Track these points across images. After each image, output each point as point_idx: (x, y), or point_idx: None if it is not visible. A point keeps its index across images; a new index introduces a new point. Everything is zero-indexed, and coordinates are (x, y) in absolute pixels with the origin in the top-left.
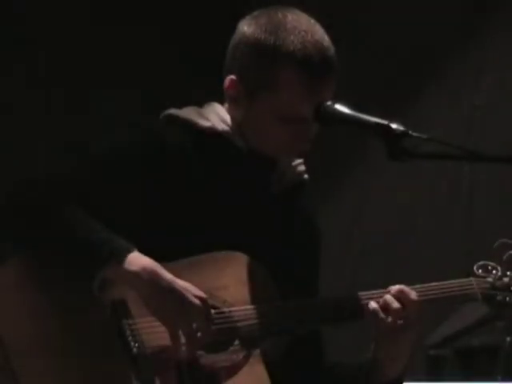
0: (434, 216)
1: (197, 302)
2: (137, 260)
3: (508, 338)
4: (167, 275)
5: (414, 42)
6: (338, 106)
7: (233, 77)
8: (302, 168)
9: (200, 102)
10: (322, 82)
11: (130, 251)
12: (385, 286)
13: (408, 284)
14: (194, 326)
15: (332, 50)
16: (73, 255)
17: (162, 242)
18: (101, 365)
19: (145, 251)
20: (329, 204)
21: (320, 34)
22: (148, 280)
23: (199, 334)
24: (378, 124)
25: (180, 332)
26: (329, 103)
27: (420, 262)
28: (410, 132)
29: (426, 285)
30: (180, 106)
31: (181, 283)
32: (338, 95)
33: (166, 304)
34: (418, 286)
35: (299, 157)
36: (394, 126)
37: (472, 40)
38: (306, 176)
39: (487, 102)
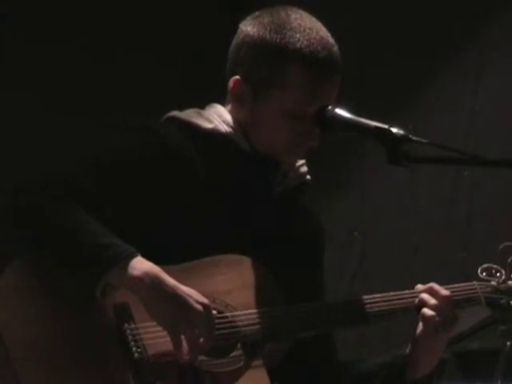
0: (434, 219)
1: (199, 307)
2: (140, 265)
3: (508, 342)
4: (170, 281)
5: (412, 46)
6: (339, 111)
7: (237, 77)
8: (304, 169)
9: (200, 104)
10: (329, 78)
11: (133, 256)
12: (384, 290)
13: (409, 288)
14: (196, 331)
15: (336, 46)
16: (75, 259)
17: (165, 245)
18: (102, 370)
19: (147, 254)
20: (329, 208)
21: (324, 31)
22: (150, 285)
23: (201, 340)
24: (378, 128)
25: (182, 337)
26: (329, 108)
27: (420, 266)
28: (410, 136)
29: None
30: (180, 108)
31: (184, 289)
32: (336, 99)
33: (168, 309)
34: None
35: (304, 156)
36: (394, 130)
37: (471, 45)
38: (308, 177)
39: (487, 107)
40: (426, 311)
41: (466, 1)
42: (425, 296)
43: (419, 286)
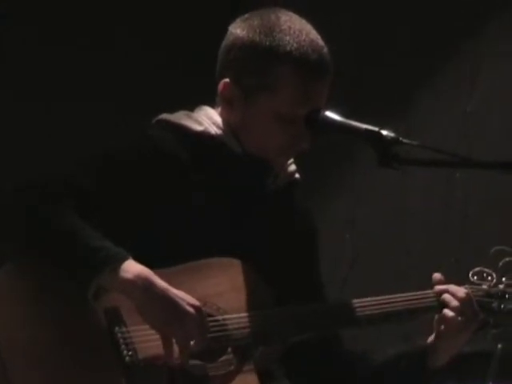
0: (428, 222)
1: (191, 310)
2: (131, 268)
3: (499, 345)
4: (161, 283)
5: (407, 47)
6: (329, 114)
7: (227, 80)
8: (292, 168)
9: (189, 106)
10: (320, 80)
11: (125, 259)
12: (376, 292)
13: (402, 291)
14: (188, 334)
15: (326, 48)
16: (69, 261)
17: (158, 248)
18: (95, 372)
19: (139, 257)
20: (320, 209)
21: (314, 33)
22: (142, 288)
23: (192, 343)
24: (368, 131)
25: (173, 340)
26: (319, 111)
27: (413, 268)
28: (400, 139)
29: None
30: (171, 111)
31: (175, 291)
32: (330, 102)
33: (159, 312)
34: (410, 293)
35: (296, 156)
36: (384, 132)
37: (466, 46)
38: (297, 175)
39: (480, 108)
40: (448, 312)
41: (466, 1)
42: (447, 297)
43: (438, 287)
